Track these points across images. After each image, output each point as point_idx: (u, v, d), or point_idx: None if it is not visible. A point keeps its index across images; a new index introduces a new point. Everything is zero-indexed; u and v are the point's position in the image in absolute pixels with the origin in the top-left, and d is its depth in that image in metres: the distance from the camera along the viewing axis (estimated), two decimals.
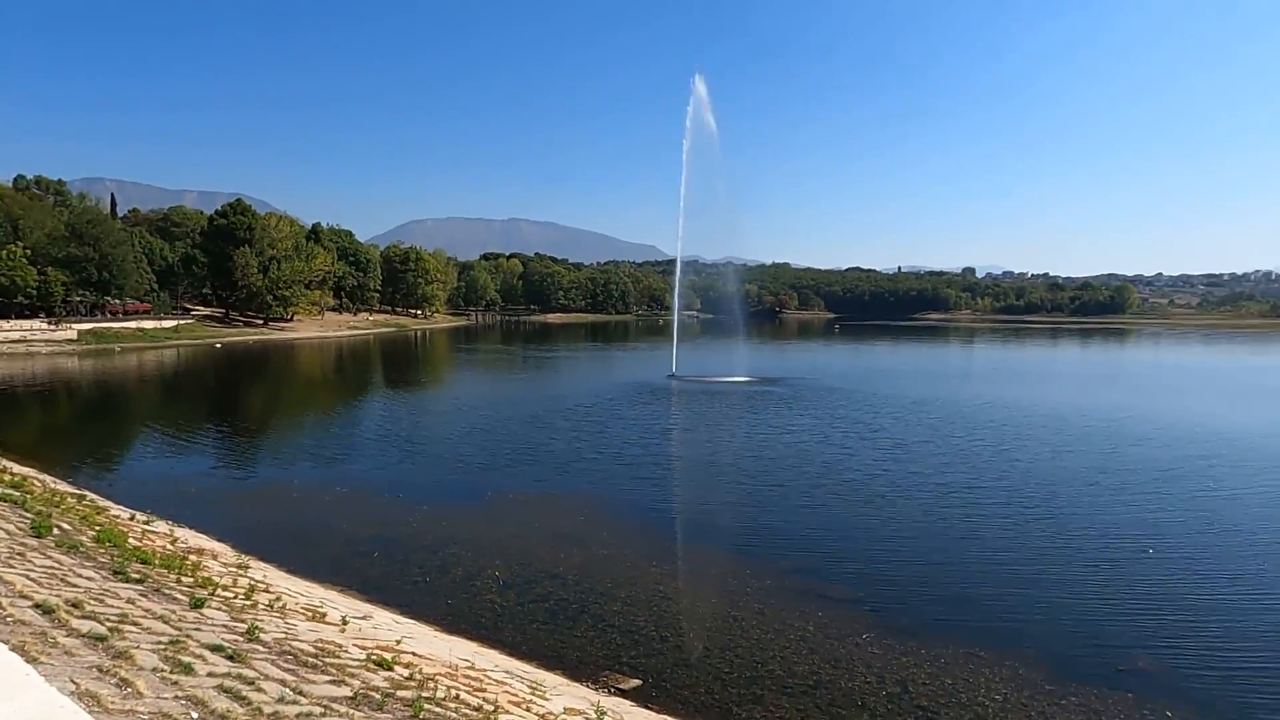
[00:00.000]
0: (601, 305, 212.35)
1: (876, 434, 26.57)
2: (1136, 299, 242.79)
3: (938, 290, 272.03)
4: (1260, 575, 13.15)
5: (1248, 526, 15.84)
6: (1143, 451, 23.91)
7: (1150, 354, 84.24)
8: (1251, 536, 15.23)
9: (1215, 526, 15.93)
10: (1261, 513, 16.98)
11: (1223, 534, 15.43)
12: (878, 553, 14.28)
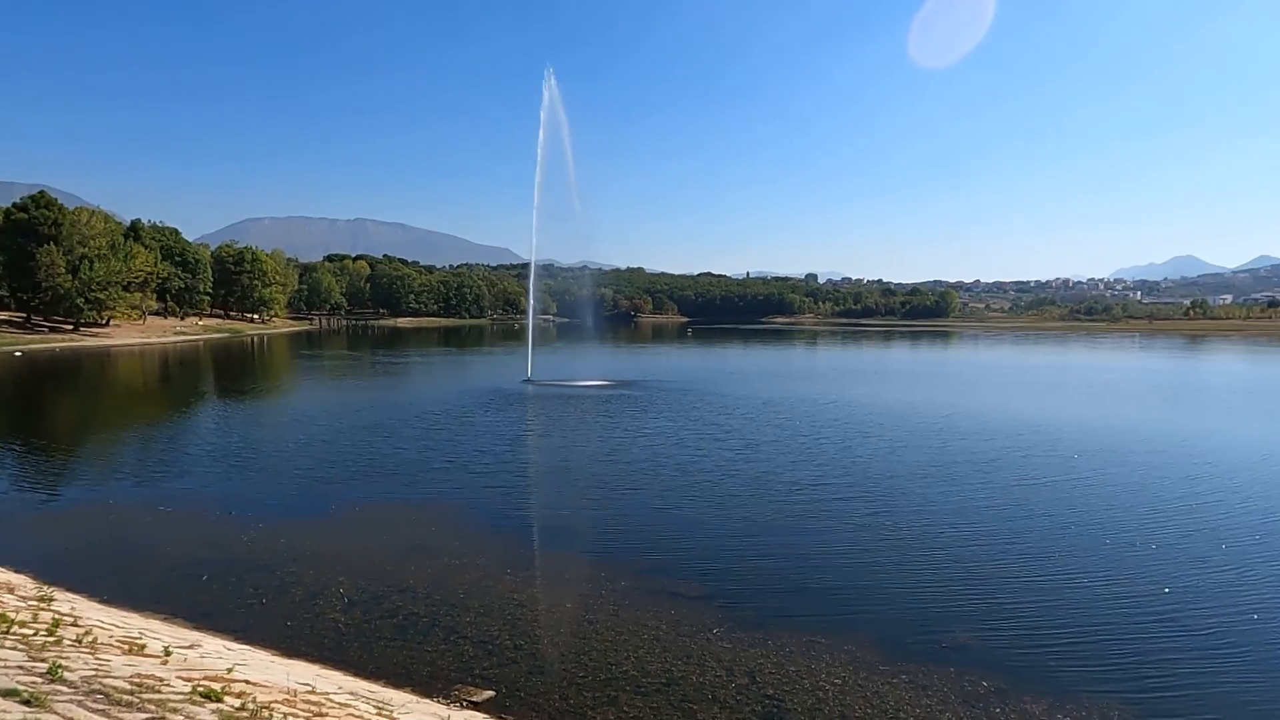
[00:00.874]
0: (455, 309, 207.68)
1: (729, 435, 27.46)
2: (958, 303, 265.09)
3: (783, 295, 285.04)
4: (1069, 554, 14.59)
5: (1059, 511, 17.55)
6: (968, 444, 26.02)
7: (970, 354, 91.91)
8: (1063, 520, 16.89)
9: (1031, 511, 17.56)
10: (1070, 498, 18.88)
11: (1038, 518, 17.02)
12: (729, 549, 14.74)
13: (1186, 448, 25.84)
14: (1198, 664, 10.12)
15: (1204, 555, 14.55)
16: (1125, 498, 18.90)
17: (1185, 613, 11.75)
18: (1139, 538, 15.61)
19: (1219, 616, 11.64)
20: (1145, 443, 26.64)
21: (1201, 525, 16.56)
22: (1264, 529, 16.30)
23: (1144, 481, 20.70)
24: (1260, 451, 25.30)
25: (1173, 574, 13.47)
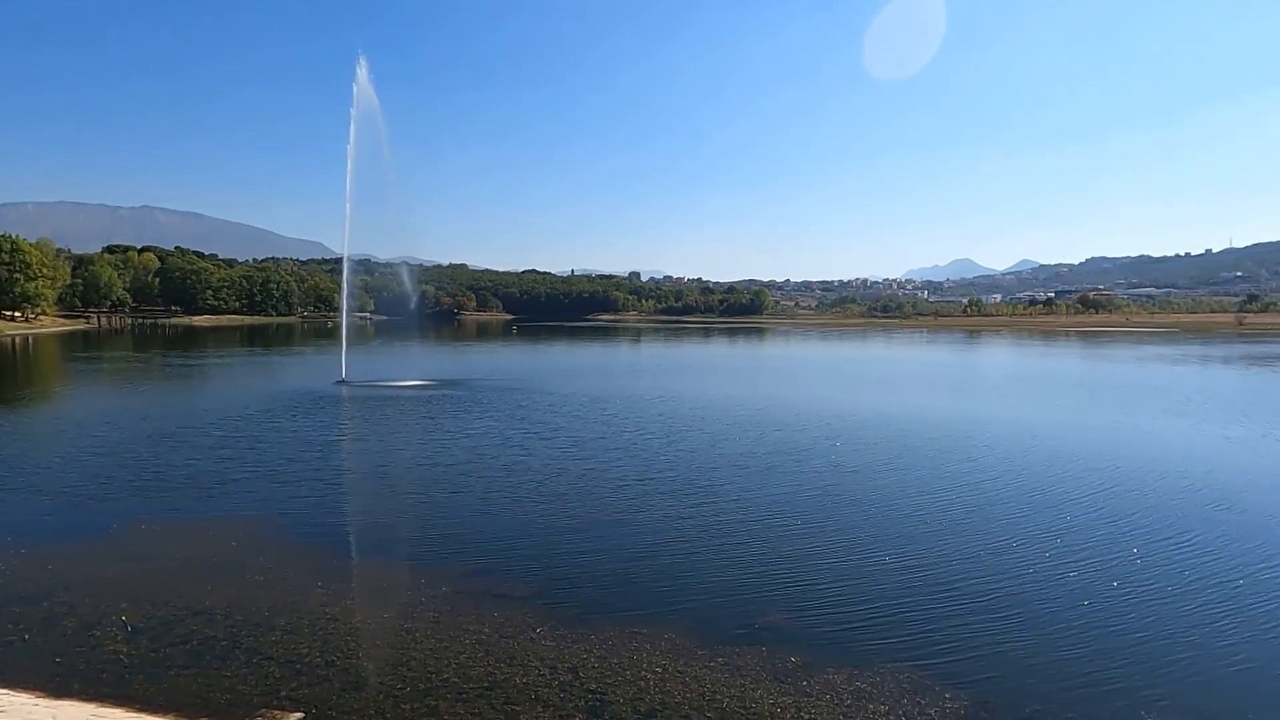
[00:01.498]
0: (260, 307, 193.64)
1: (555, 433, 27.45)
2: (771, 301, 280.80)
3: (608, 293, 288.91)
4: (871, 534, 15.81)
5: (865, 496, 18.93)
6: (783, 435, 27.54)
7: (783, 349, 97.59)
8: (866, 503, 18.27)
9: (839, 496, 18.86)
10: (873, 482, 20.44)
11: (845, 502, 18.29)
12: (555, 548, 14.73)
13: (971, 431, 28.80)
14: (981, 627, 11.29)
15: (985, 529, 16.29)
16: (919, 480, 20.77)
17: (969, 582, 13.10)
18: (931, 516, 17.21)
19: (999, 583, 13.06)
20: (935, 428, 29.41)
21: (984, 502, 18.52)
22: (1038, 503, 18.48)
23: (935, 464, 22.84)
24: (1033, 433, 28.69)
25: (959, 547, 14.98)
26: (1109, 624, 11.36)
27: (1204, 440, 27.37)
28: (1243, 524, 16.59)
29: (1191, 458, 24.05)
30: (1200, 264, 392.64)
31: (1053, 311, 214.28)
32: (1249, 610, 11.91)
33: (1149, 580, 13.17)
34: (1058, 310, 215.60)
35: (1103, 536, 15.66)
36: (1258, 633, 11.11)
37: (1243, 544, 15.18)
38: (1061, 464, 22.83)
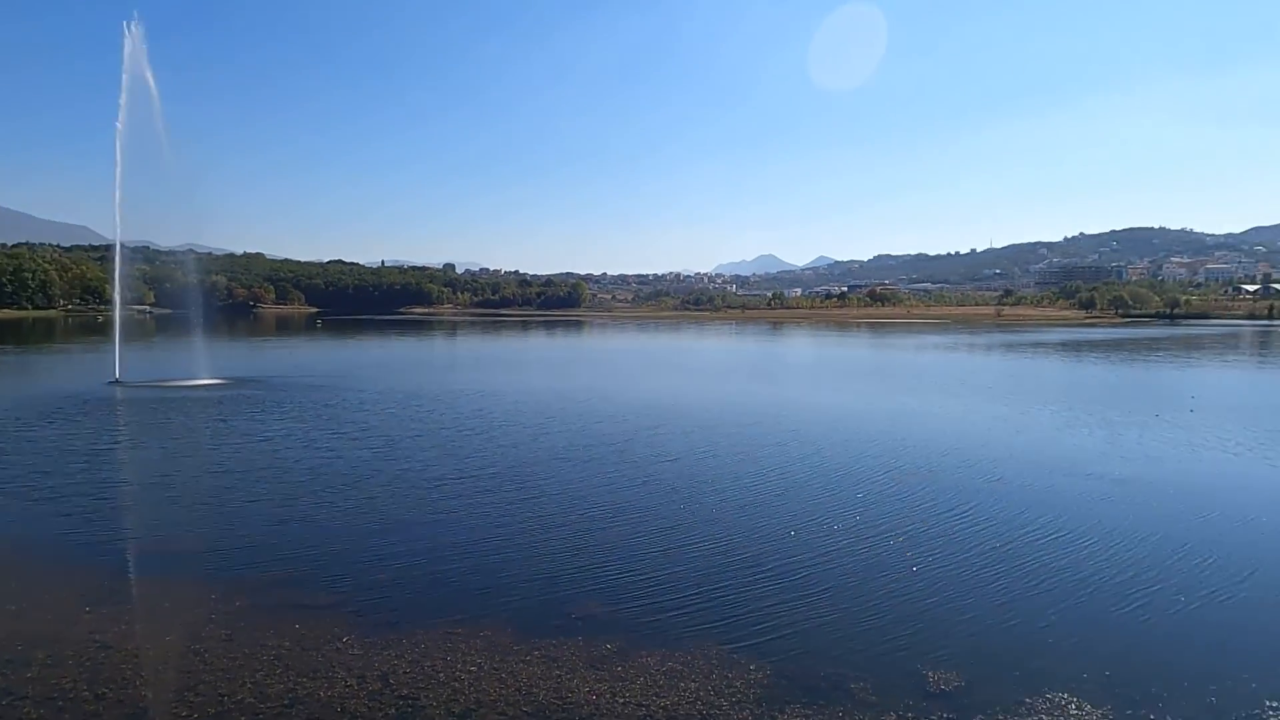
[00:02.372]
0: (13, 298, 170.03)
1: (366, 433, 26.15)
2: (589, 294, 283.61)
3: (421, 284, 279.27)
4: (685, 518, 16.36)
5: (683, 483, 19.48)
6: (605, 426, 27.87)
7: (601, 341, 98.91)
8: (684, 491, 18.82)
9: (658, 485, 19.31)
10: (693, 469, 21.14)
11: (664, 492, 18.74)
12: (365, 553, 14.03)
13: (780, 417, 30.53)
14: (786, 602, 12.00)
15: (792, 509, 17.35)
16: (732, 465, 21.76)
17: (775, 559, 13.89)
18: (743, 499, 18.10)
19: (803, 559, 13.95)
20: (747, 415, 30.95)
21: (791, 483, 19.71)
22: (839, 483, 19.91)
23: (747, 450, 24.01)
24: (834, 417, 30.92)
25: (767, 527, 15.86)
26: (900, 592, 12.45)
27: (978, 419, 30.77)
28: (1011, 494, 18.81)
29: (968, 435, 26.95)
30: (967, 262, 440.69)
31: (846, 304, 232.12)
32: (1019, 570, 13.51)
33: (934, 549, 14.60)
34: (850, 303, 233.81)
35: (895, 511, 17.17)
36: (1026, 589, 12.63)
37: (1012, 511, 17.18)
38: (859, 445, 24.78)
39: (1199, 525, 16.12)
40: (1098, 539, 15.08)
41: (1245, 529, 15.87)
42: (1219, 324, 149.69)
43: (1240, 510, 17.16)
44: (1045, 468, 21.53)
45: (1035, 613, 11.63)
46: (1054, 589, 12.55)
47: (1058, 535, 15.35)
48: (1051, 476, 20.47)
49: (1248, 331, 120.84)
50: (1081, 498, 18.33)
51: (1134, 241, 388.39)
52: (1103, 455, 23.38)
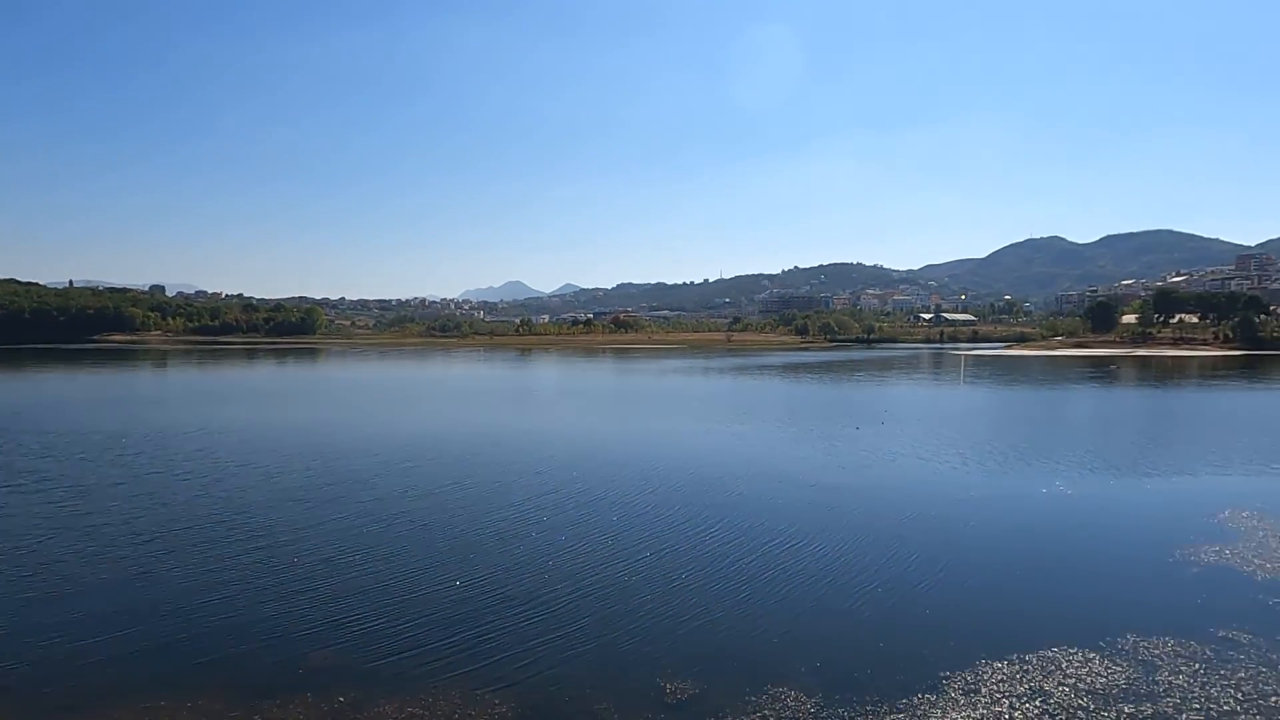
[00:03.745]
0: None
1: (48, 483, 22.31)
2: (324, 320, 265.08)
3: (121, 309, 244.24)
4: (438, 558, 15.71)
5: (433, 518, 18.79)
6: (350, 462, 26.12)
7: (340, 370, 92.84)
8: (433, 526, 18.13)
9: (407, 522, 18.44)
10: (444, 503, 20.37)
11: (412, 528, 17.93)
12: (38, 626, 11.85)
13: (535, 445, 30.50)
14: (529, 631, 11.97)
15: (544, 538, 17.31)
16: (487, 496, 21.36)
17: (522, 589, 13.81)
18: (496, 530, 17.80)
19: (549, 587, 13.95)
20: (502, 444, 30.63)
21: (545, 512, 19.69)
22: (593, 508, 20.17)
23: (503, 479, 23.69)
24: (587, 442, 31.40)
25: (517, 558, 15.70)
26: (642, 609, 12.96)
27: (717, 438, 32.95)
28: (745, 506, 20.29)
29: (709, 454, 28.77)
30: (701, 291, 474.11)
31: (592, 331, 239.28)
32: (748, 577, 14.58)
33: (678, 565, 15.36)
34: (596, 330, 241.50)
35: (643, 531, 17.83)
36: (755, 594, 13.65)
37: (745, 523, 18.52)
38: (612, 469, 25.48)
39: (898, 523, 18.49)
40: (817, 541, 16.78)
41: (936, 524, 18.47)
42: (905, 347, 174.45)
43: (930, 508, 19.97)
44: (774, 480, 23.57)
45: (762, 615, 12.66)
46: (779, 591, 13.77)
47: (783, 541, 16.85)
48: (780, 488, 22.45)
49: (925, 353, 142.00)
50: (803, 505, 20.30)
51: (838, 275, 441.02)
52: (820, 466, 26.10)
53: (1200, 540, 16.72)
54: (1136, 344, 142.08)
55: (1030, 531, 18.09)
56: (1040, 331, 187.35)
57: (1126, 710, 9.38)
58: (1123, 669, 10.49)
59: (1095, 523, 19.00)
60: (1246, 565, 15.09)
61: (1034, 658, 10.82)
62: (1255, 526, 17.84)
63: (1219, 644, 11.30)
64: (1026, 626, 12.06)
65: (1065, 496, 21.64)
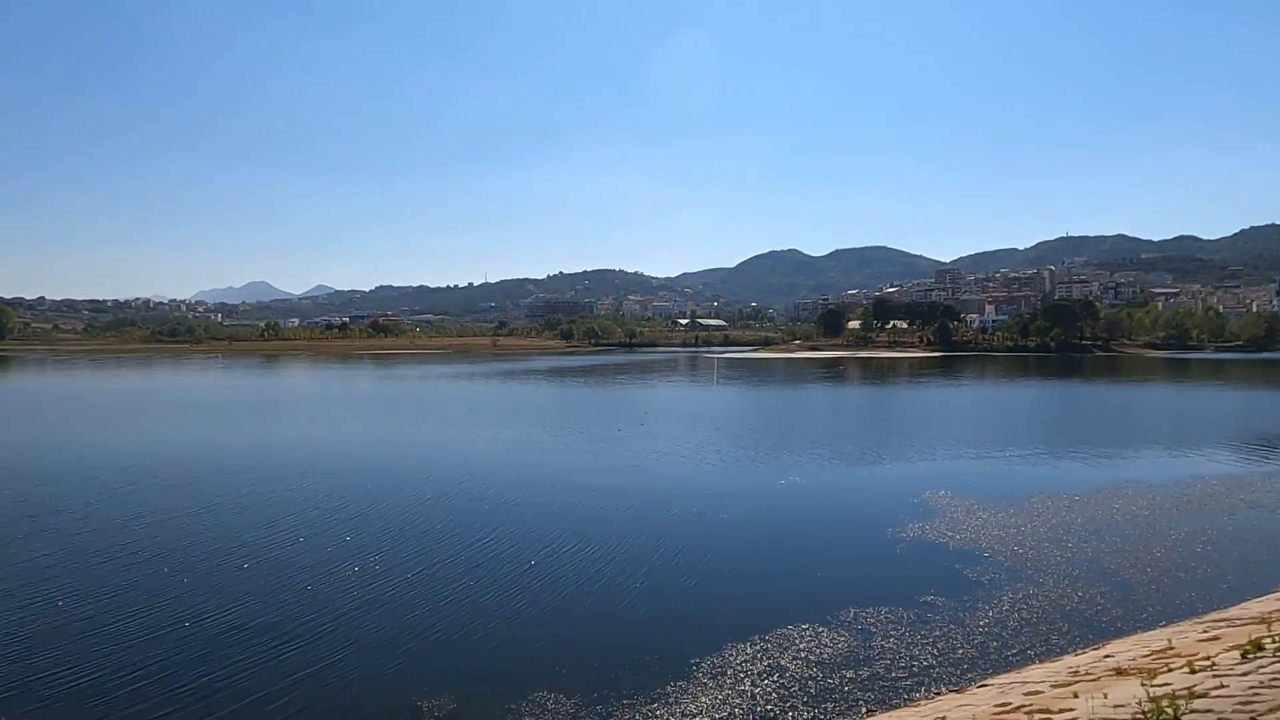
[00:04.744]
0: None
1: None
2: (17, 323, 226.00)
3: None
4: (173, 597, 13.97)
5: (171, 550, 16.66)
6: (50, 489, 22.40)
7: (38, 382, 79.83)
8: (173, 560, 16.05)
9: (134, 555, 16.20)
10: (184, 530, 18.17)
11: (138, 563, 15.79)
12: None
13: (290, 459, 28.13)
14: (280, 665, 11.13)
15: (308, 559, 16.05)
16: (236, 520, 19.39)
17: (274, 616, 12.75)
18: (247, 558, 16.20)
19: (311, 612, 13.01)
20: (251, 461, 27.91)
21: (309, 531, 18.23)
22: (361, 524, 18.98)
23: (252, 499, 21.59)
24: (347, 454, 29.48)
25: (273, 585, 14.44)
26: (402, 625, 12.52)
27: (486, 444, 32.55)
28: (514, 513, 20.20)
29: (479, 461, 28.34)
30: (466, 295, 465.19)
31: (348, 335, 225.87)
32: (508, 584, 14.54)
33: (445, 578, 14.98)
34: (353, 334, 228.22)
35: (407, 545, 17.18)
36: (516, 601, 13.66)
37: (513, 530, 18.44)
38: (377, 481, 24.20)
39: (659, 520, 19.41)
40: (584, 544, 17.16)
41: (692, 519, 19.60)
42: (664, 350, 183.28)
43: (687, 504, 21.14)
44: (543, 485, 23.76)
45: (528, 622, 12.73)
46: (545, 597, 13.90)
47: (552, 546, 17.05)
48: (549, 493, 22.67)
49: (683, 356, 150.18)
50: (572, 508, 20.68)
51: (601, 281, 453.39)
52: (588, 468, 26.72)
53: (907, 519, 19.22)
54: (860, 347, 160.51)
55: (771, 520, 19.78)
56: (782, 336, 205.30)
57: (848, 675, 10.55)
58: (845, 638, 11.79)
59: (824, 509, 21.22)
60: (942, 538, 17.59)
61: (772, 636, 11.84)
62: (949, 504, 20.84)
63: (920, 608, 13.07)
64: (767, 608, 13.16)
65: (800, 486, 23.92)
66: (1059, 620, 12.50)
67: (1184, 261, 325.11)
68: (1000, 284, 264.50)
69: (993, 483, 24.07)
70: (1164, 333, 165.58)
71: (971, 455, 29.77)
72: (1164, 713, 5.44)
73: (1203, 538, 17.39)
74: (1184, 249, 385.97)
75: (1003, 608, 13.05)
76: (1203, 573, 14.95)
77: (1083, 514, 19.66)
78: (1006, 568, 15.28)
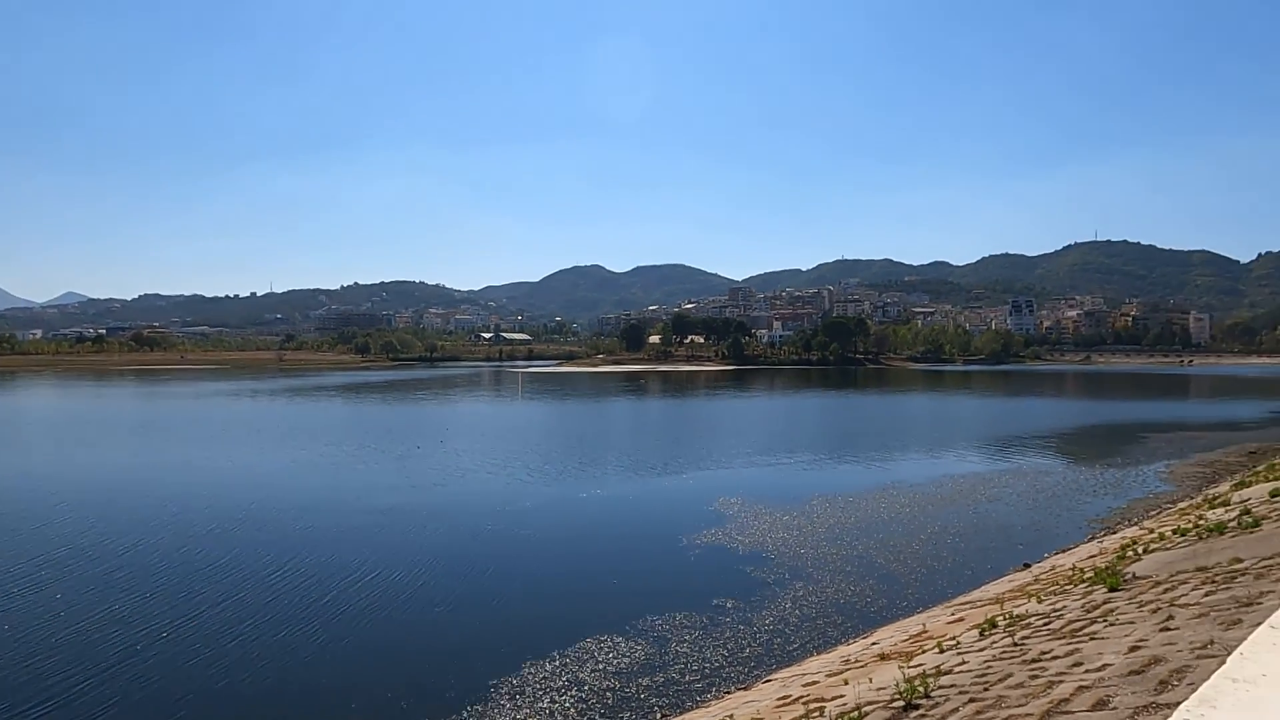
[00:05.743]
0: None
1: None
2: None
3: None
4: None
5: None
6: None
7: None
8: None
9: None
10: None
11: None
12: None
13: (32, 489, 24.30)
14: None
15: (57, 600, 13.93)
16: None
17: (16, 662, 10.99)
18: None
19: (60, 654, 11.32)
20: None
21: (60, 569, 15.81)
22: (124, 560, 16.71)
23: None
24: (106, 480, 25.97)
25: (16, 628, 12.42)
26: (161, 678, 11.26)
27: (273, 466, 30.09)
28: (299, 539, 18.78)
29: (265, 485, 26.02)
30: (248, 305, 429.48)
31: (105, 349, 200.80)
32: (289, 615, 13.52)
33: (218, 623, 13.60)
34: (111, 348, 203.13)
35: (180, 581, 15.45)
36: (295, 633, 12.71)
37: (301, 558, 17.15)
38: (144, 513, 21.52)
39: (459, 540, 18.91)
40: (380, 571, 16.31)
41: (493, 537, 19.26)
42: (467, 365, 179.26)
43: (489, 521, 20.76)
44: (339, 509, 22.35)
45: (310, 661, 11.91)
46: (331, 633, 13.05)
47: (343, 575, 16.04)
48: (346, 517, 21.36)
49: (487, 371, 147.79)
50: (371, 533, 19.61)
51: (400, 293, 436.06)
52: (386, 489, 25.47)
53: (701, 526, 20.04)
54: (661, 361, 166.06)
55: (572, 535, 19.87)
56: (586, 350, 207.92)
57: (644, 683, 10.77)
58: (642, 647, 12.05)
59: (624, 520, 21.64)
60: (732, 542, 18.50)
61: (571, 651, 11.85)
62: (740, 510, 21.97)
63: (712, 611, 13.64)
64: (566, 624, 13.15)
65: (601, 499, 24.25)
66: (834, 613, 13.53)
67: (938, 284, 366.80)
68: (786, 302, 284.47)
69: (779, 488, 25.70)
70: (923, 347, 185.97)
71: (761, 463, 31.63)
72: (916, 691, 5.99)
73: (953, 530, 19.58)
74: (938, 273, 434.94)
75: (785, 606, 13.93)
76: (952, 561, 16.80)
77: (856, 513, 21.47)
78: (789, 567, 16.34)
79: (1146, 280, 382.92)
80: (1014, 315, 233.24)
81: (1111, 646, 5.94)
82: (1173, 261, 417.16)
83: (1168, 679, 4.54)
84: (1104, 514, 21.45)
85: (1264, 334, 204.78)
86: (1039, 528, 20.01)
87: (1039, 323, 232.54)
